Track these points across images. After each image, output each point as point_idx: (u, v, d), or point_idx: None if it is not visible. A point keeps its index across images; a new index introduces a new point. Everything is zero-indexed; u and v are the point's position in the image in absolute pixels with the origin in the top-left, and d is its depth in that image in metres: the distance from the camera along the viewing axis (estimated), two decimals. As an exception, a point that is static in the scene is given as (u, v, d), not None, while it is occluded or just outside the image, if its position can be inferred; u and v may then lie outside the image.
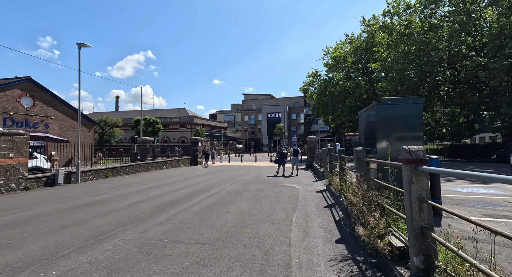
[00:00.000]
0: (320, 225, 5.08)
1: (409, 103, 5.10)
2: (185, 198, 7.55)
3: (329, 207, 6.64)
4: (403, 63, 19.95)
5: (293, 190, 9.20)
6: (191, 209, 6.20)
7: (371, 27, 29.87)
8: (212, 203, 6.95)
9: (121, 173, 14.66)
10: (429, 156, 4.31)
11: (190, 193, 8.42)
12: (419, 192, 2.61)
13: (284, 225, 5.06)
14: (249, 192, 8.78)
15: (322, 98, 31.95)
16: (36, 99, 22.94)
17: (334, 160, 10.08)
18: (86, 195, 8.25)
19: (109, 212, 5.87)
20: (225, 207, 6.46)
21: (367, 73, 31.78)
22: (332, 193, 8.20)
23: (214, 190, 9.05)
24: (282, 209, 6.39)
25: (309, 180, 12.48)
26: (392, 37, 21.83)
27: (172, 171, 17.11)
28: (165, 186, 10.19)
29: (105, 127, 42.45)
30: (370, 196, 3.85)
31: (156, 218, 5.41)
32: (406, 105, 5.12)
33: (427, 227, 2.56)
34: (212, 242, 4.04)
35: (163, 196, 7.90)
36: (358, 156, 5.09)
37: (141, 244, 3.89)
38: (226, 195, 8.10)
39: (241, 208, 6.42)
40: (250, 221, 5.25)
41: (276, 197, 7.85)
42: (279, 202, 7.22)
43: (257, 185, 10.43)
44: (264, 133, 64.23)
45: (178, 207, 6.44)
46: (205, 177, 13.22)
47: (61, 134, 25.26)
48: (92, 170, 12.68)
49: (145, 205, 6.62)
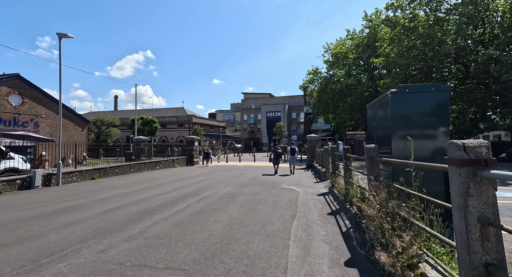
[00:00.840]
0: (324, 238, 4.19)
1: (432, 91, 4.20)
2: (169, 204, 6.65)
3: (334, 214, 5.75)
4: (408, 58, 19.02)
5: (292, 193, 8.30)
6: (173, 218, 5.30)
7: (373, 22, 28.93)
8: (199, 209, 6.05)
9: (109, 174, 13.77)
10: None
11: (177, 197, 7.52)
12: (481, 209, 1.71)
13: (280, 239, 4.16)
14: (243, 195, 7.89)
15: (322, 96, 30.99)
16: (25, 97, 22.03)
17: (337, 160, 9.18)
18: (58, 200, 7.35)
19: (73, 223, 4.97)
20: (213, 215, 5.56)
21: (369, 70, 30.84)
22: (336, 197, 7.30)
23: (205, 194, 8.16)
24: (279, 216, 5.49)
25: (310, 181, 11.59)
26: (395, 31, 20.89)
27: (165, 172, 16.21)
28: (152, 188, 9.30)
29: (101, 127, 41.60)
30: (391, 207, 2.95)
31: (127, 230, 4.51)
32: (429, 93, 4.22)
33: (496, 264, 1.66)
34: (187, 266, 3.15)
35: (146, 201, 7.00)
36: (370, 154, 4.19)
37: (93, 272, 2.99)
38: (217, 200, 7.20)
39: (232, 216, 5.52)
40: (240, 234, 4.35)
41: (273, 202, 6.95)
42: (276, 207, 6.32)
43: (253, 187, 9.54)
44: (263, 133, 63.31)
45: (158, 215, 5.55)
46: (198, 178, 12.33)
47: (52, 134, 24.37)
48: (76, 171, 11.78)
49: (120, 213, 5.72)
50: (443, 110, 4.17)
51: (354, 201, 5.57)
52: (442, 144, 4.11)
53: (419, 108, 4.26)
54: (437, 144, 4.15)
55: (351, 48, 30.82)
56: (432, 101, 4.21)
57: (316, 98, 32.15)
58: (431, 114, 4.20)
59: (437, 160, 4.08)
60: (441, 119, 4.16)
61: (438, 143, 4.14)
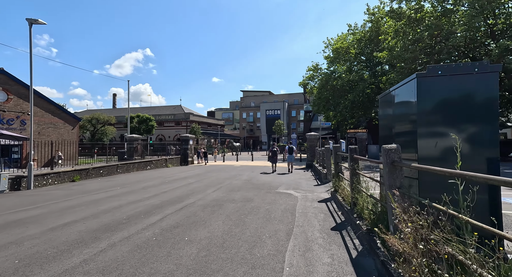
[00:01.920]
0: (329, 270, 3.13)
1: (475, 73, 3.11)
2: (142, 215, 5.58)
3: (339, 230, 4.69)
4: (414, 52, 17.90)
5: (289, 199, 7.24)
6: (137, 237, 4.23)
7: (375, 16, 27.73)
8: (174, 223, 4.98)
9: (92, 175, 12.70)
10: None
11: (155, 206, 6.45)
12: None
13: (271, 271, 3.11)
14: (233, 202, 6.82)
15: (323, 93, 29.85)
16: (10, 93, 20.94)
17: (340, 161, 8.10)
18: (12, 210, 6.26)
19: (1, 248, 3.87)
20: (190, 232, 4.50)
21: (371, 66, 29.71)
22: (340, 205, 6.24)
23: (189, 200, 7.09)
24: (272, 233, 4.43)
25: (310, 183, 10.53)
26: (400, 24, 19.75)
27: (155, 173, 15.15)
28: (131, 193, 8.23)
29: (97, 125, 40.49)
30: (433, 240, 1.89)
31: (66, 258, 3.42)
32: (470, 76, 3.14)
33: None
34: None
35: (115, 211, 5.93)
36: (391, 158, 3.12)
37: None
38: (201, 209, 6.13)
39: (213, 232, 4.46)
40: (218, 263, 3.29)
41: (267, 211, 5.89)
42: (270, 219, 5.26)
43: (246, 191, 8.48)
44: (262, 131, 62.21)
45: (120, 232, 4.48)
46: (188, 181, 11.26)
47: (40, 132, 23.32)
48: (53, 173, 10.70)
49: (74, 229, 4.65)
50: (490, 98, 3.09)
51: (365, 215, 4.52)
52: (488, 146, 3.04)
53: (456, 96, 3.18)
54: (481, 146, 3.08)
55: (353, 43, 29.68)
56: (474, 86, 3.13)
57: (316, 95, 31.01)
58: (473, 104, 3.12)
59: (480, 167, 3.01)
60: (488, 112, 3.08)
61: (483, 144, 3.06)
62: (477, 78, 3.11)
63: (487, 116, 3.08)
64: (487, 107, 3.09)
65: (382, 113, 5.10)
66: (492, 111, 3.09)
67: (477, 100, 3.13)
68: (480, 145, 3.09)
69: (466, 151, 3.01)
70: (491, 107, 3.09)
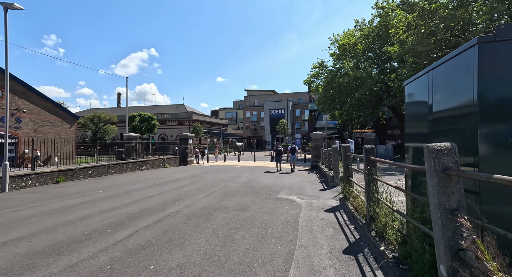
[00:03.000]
0: None
1: None
2: (109, 228, 4.56)
3: (354, 254, 3.61)
4: (428, 45, 16.63)
5: (291, 207, 6.17)
6: (86, 265, 3.20)
7: (384, 10, 26.41)
8: (144, 242, 3.95)
9: (80, 176, 11.79)
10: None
11: (130, 216, 5.44)
12: None
13: None
14: (224, 211, 5.78)
15: (328, 91, 28.59)
16: (5, 90, 20.24)
17: (350, 163, 7.00)
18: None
19: None
20: (159, 256, 3.46)
21: (379, 63, 28.39)
22: (352, 217, 5.16)
23: (173, 208, 6.06)
24: (266, 259, 3.38)
25: (315, 187, 9.43)
26: (413, 16, 18.50)
27: (149, 173, 14.21)
28: (110, 198, 7.23)
29: (99, 124, 39.91)
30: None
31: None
32: None
33: None
34: None
35: (79, 223, 4.92)
36: (443, 164, 2.02)
37: None
38: (184, 221, 5.10)
39: (190, 258, 3.42)
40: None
41: (263, 224, 4.84)
42: (265, 237, 4.21)
43: (242, 197, 7.43)
44: (266, 131, 61.06)
45: (68, 256, 3.46)
46: (180, 183, 10.26)
47: (36, 130, 22.63)
48: (33, 174, 9.79)
49: (12, 251, 3.64)
50: None
51: (390, 235, 3.43)
52: None
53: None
54: None
55: (360, 39, 28.41)
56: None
57: (322, 93, 29.75)
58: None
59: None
60: None
61: None
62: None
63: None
64: None
65: (406, 107, 4.00)
66: None
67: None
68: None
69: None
70: None
